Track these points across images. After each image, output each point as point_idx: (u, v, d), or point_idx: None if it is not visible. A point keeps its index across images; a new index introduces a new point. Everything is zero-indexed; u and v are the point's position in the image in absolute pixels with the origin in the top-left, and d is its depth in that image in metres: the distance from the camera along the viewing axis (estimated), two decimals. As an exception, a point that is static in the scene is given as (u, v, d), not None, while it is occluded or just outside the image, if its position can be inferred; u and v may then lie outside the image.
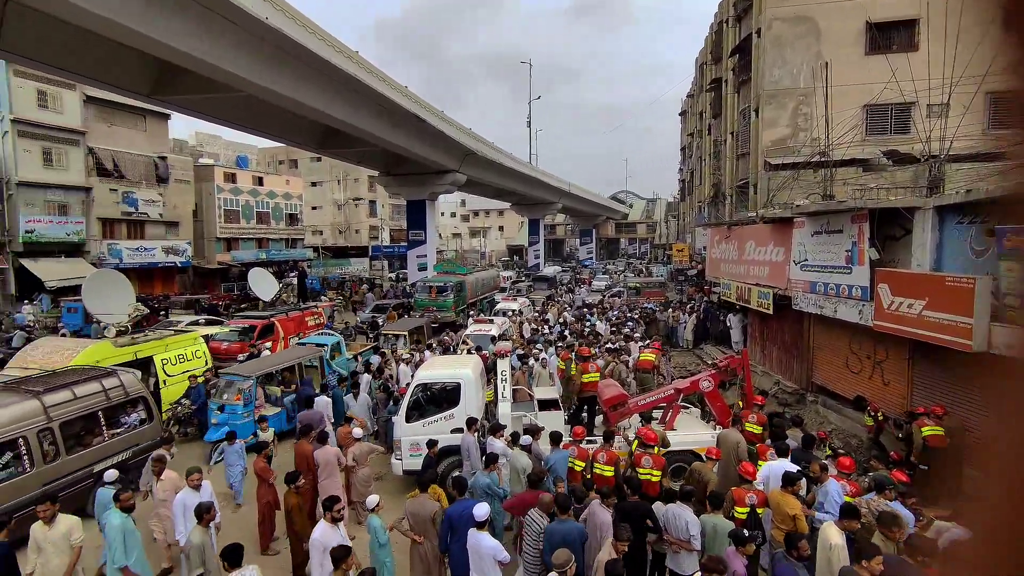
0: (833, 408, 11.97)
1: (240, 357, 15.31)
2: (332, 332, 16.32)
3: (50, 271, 26.36)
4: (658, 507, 6.11)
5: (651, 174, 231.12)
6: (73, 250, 28.38)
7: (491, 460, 7.07)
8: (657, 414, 9.94)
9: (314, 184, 55.93)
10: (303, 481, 6.92)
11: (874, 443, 9.52)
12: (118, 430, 9.05)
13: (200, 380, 12.00)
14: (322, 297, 32.53)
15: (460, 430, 8.54)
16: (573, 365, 10.96)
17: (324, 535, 5.50)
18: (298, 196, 46.75)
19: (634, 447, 7.60)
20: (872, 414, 9.41)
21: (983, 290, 7.46)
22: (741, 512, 6.05)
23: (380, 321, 22.33)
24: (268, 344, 16.09)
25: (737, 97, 21.62)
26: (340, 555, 4.90)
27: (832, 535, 5.21)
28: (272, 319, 17.12)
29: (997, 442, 0.63)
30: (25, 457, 7.50)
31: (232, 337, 16.25)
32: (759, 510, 6.19)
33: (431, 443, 7.83)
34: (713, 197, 26.94)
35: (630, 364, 13.57)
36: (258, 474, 7.45)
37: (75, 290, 22.34)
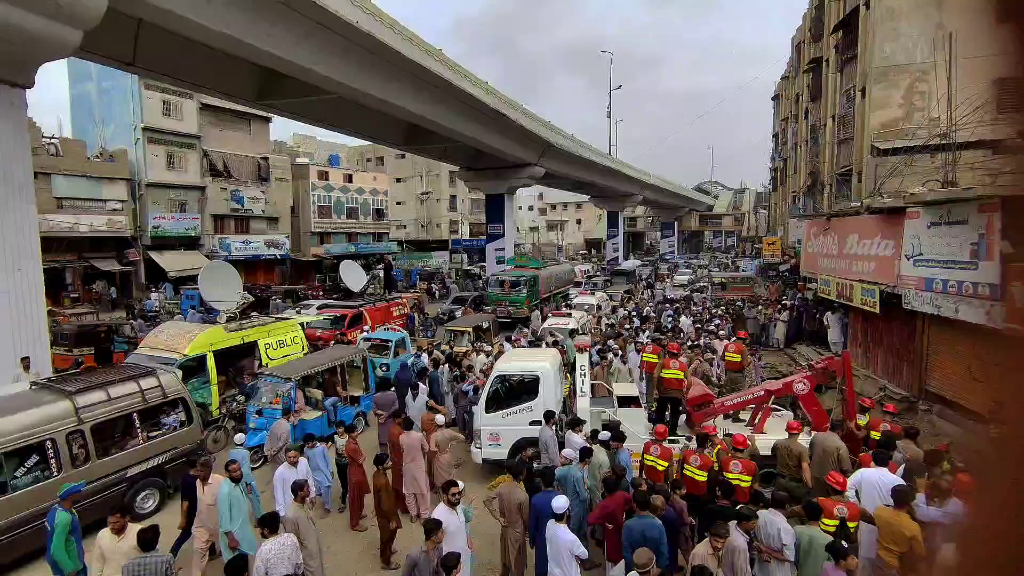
0: (951, 419, 10.76)
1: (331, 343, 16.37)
2: (397, 328, 16.33)
3: (172, 262, 29.54)
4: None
5: (739, 163, 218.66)
6: (190, 243, 31.60)
7: (586, 454, 6.96)
8: (744, 416, 9.46)
9: (398, 180, 58.25)
10: (389, 463, 7.27)
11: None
12: (155, 433, 8.70)
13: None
14: (412, 288, 33.85)
15: (538, 423, 8.59)
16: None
17: (445, 517, 5.62)
18: (384, 192, 48.92)
19: (716, 450, 7.25)
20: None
21: None
22: (829, 524, 5.59)
23: (459, 314, 22.88)
24: (358, 332, 17.04)
25: (840, 77, 19.87)
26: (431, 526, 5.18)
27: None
28: (361, 308, 18.10)
29: None
30: (52, 461, 7.18)
31: (326, 325, 17.35)
32: (850, 524, 5.71)
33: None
34: (810, 186, 25.02)
35: (715, 363, 13.00)
36: (349, 455, 7.92)
37: (192, 279, 24.88)
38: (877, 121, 16.27)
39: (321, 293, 31.19)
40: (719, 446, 7.33)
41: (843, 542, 5.04)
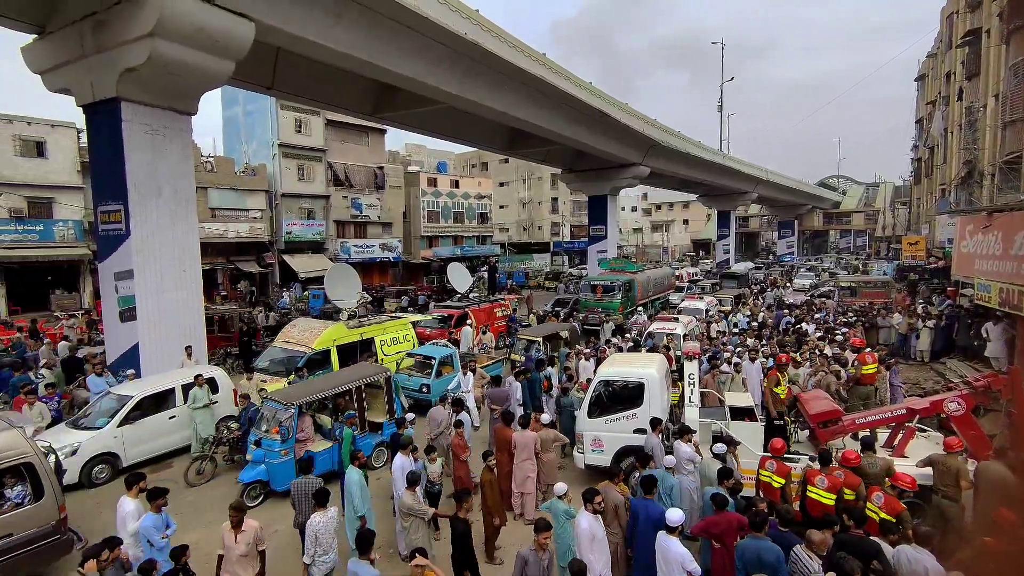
0: None
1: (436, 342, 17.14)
2: (447, 344, 14.29)
3: (301, 264, 32.79)
4: (886, 548, 5.17)
5: (872, 155, 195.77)
6: (316, 247, 34.84)
7: (725, 475, 6.50)
8: (881, 436, 8.45)
9: (501, 184, 59.69)
10: (494, 459, 7.44)
11: None
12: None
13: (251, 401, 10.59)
14: (525, 290, 34.43)
15: (643, 431, 8.33)
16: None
17: (590, 525, 5.67)
18: (488, 196, 50.40)
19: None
20: None
21: None
22: None
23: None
24: (463, 330, 17.67)
25: (1005, 50, 17.07)
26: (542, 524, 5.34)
27: None
28: (466, 309, 18.78)
29: None
30: None
31: (434, 324, 18.22)
32: None
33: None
34: (964, 177, 21.77)
35: (842, 376, 11.76)
36: (454, 451, 8.23)
37: (318, 280, 27.38)
38: (1056, 97, 13.75)
39: (430, 294, 32.88)
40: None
41: None
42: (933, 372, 15.84)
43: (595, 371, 10.65)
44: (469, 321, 18.36)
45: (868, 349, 12.38)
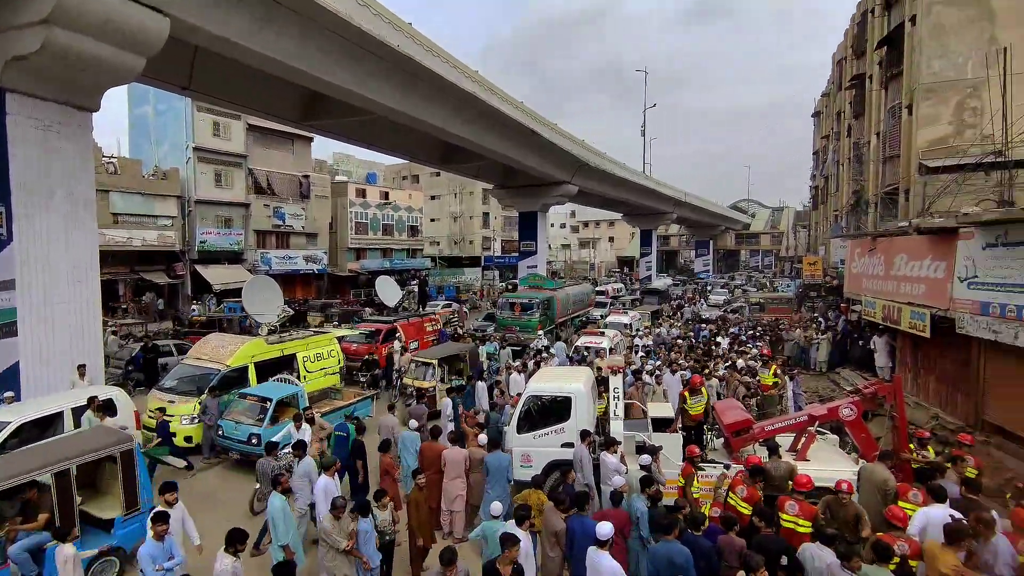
0: (1012, 452, 10.12)
1: (366, 357, 16.64)
2: (294, 380, 11.83)
3: (216, 276, 30.73)
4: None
5: (777, 182, 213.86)
6: (234, 258, 32.83)
7: (647, 483, 6.61)
8: (785, 442, 9.11)
9: (433, 197, 59.32)
10: (423, 478, 7.29)
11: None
12: None
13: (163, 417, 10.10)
14: (456, 303, 33.96)
15: (570, 445, 8.48)
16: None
17: (527, 543, 5.68)
18: (419, 209, 49.89)
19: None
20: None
21: None
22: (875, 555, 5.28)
23: (490, 331, 22.89)
24: (392, 346, 17.28)
25: (884, 93, 19.34)
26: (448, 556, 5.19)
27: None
28: (395, 323, 18.38)
29: None
30: None
31: (360, 339, 17.66)
32: (912, 563, 5.38)
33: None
34: (853, 205, 24.25)
35: (751, 387, 12.64)
36: (385, 469, 7.99)
37: (235, 292, 25.76)
38: (925, 139, 15.72)
39: (356, 307, 31.88)
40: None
41: None
42: (830, 381, 17.36)
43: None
44: (398, 336, 17.99)
45: (768, 360, 13.37)
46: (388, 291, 21.74)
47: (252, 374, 11.96)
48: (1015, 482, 7.65)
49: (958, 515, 5.68)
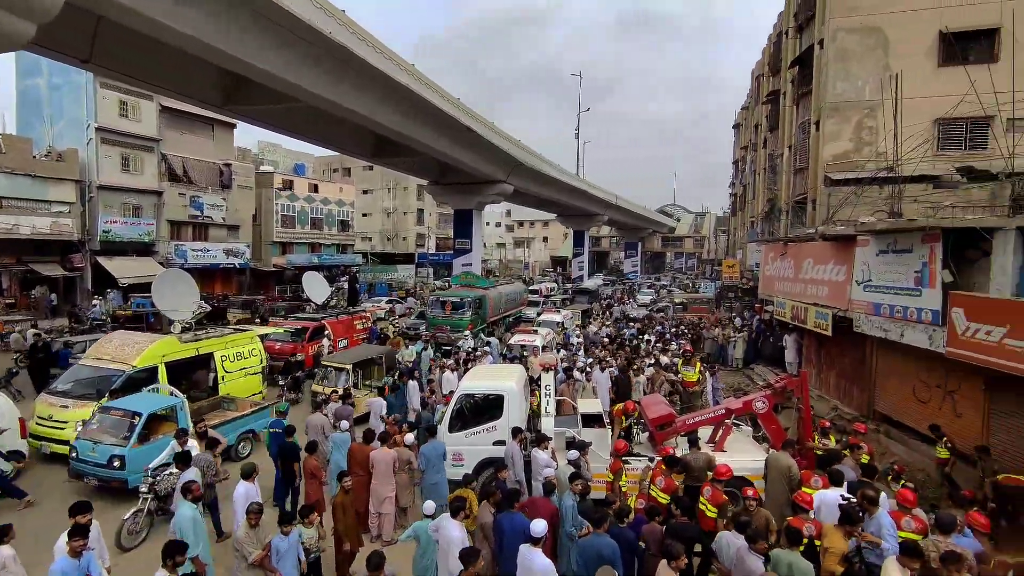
0: (897, 439, 11.26)
1: (292, 357, 15.91)
2: (177, 392, 10.42)
3: (122, 269, 28.18)
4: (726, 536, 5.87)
5: (700, 188, 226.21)
6: (144, 250, 30.28)
7: (574, 479, 6.68)
8: (704, 434, 9.62)
9: (365, 192, 57.67)
10: (350, 481, 7.05)
11: (946, 478, 8.88)
12: None
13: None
14: (399, 302, 32.86)
15: (502, 443, 8.53)
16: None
17: (462, 534, 5.61)
18: (350, 203, 48.33)
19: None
20: (948, 446, 8.79)
21: (1075, 319, 6.87)
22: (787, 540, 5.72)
23: (423, 330, 22.52)
24: (320, 345, 16.63)
25: (796, 110, 20.91)
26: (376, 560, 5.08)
27: (892, 573, 4.88)
28: (323, 321, 17.70)
29: None
30: None
31: (286, 337, 16.86)
32: (817, 542, 5.85)
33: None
34: (767, 212, 26.06)
35: (675, 383, 13.25)
36: (311, 472, 7.66)
37: (144, 287, 23.79)
38: (829, 153, 17.15)
39: (281, 304, 30.41)
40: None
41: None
42: (745, 376, 18.54)
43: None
44: (327, 333, 17.35)
45: (691, 356, 14.09)
46: (316, 287, 20.90)
47: (162, 375, 11.08)
48: (896, 465, 8.51)
49: (850, 496, 6.24)
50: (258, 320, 23.76)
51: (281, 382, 14.91)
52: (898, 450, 10.92)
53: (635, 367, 14.17)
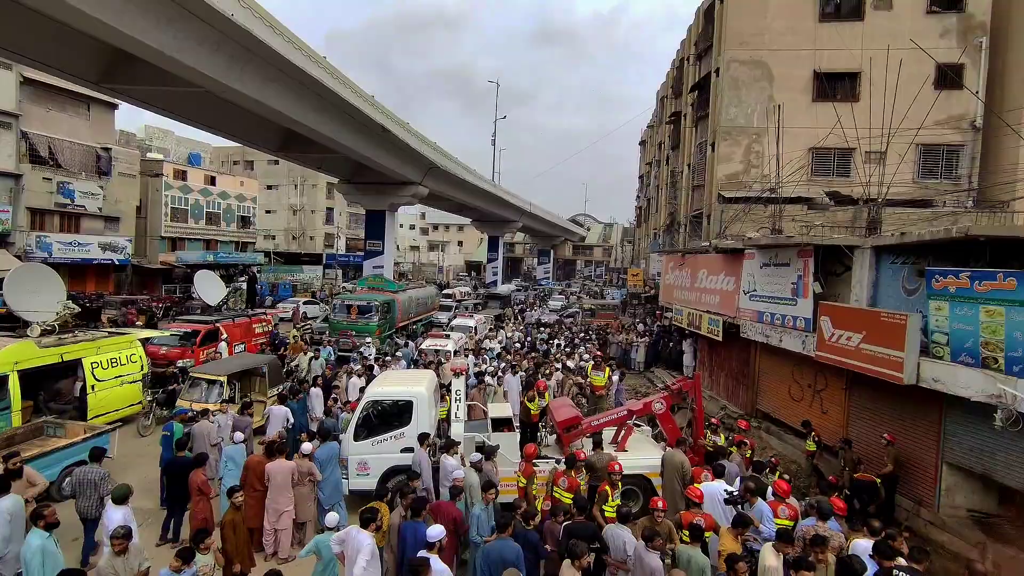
0: (775, 434, 12.42)
1: (180, 363, 14.54)
2: None
3: (-32, 262, 24.28)
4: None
5: (609, 199, 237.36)
6: (-4, 240, 26.31)
7: (488, 487, 6.62)
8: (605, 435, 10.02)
9: (270, 187, 54.36)
10: (241, 496, 6.55)
11: (813, 468, 9.92)
12: None
13: None
14: (316, 303, 30.80)
15: (410, 450, 8.34)
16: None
17: (372, 544, 5.36)
18: (252, 198, 45.30)
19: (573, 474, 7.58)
20: (815, 440, 9.82)
21: (914, 327, 7.97)
22: (685, 536, 6.09)
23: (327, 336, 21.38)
24: (215, 350, 15.38)
25: (695, 131, 22.57)
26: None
27: (768, 558, 5.35)
28: (217, 324, 16.35)
29: None
30: None
31: (172, 342, 15.39)
32: (707, 534, 6.27)
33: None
34: (668, 225, 27.85)
35: (583, 386, 13.71)
36: (198, 487, 7.01)
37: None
38: (723, 173, 18.69)
39: (169, 305, 27.75)
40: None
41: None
42: (646, 379, 19.60)
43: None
44: (224, 337, 16.05)
45: (599, 361, 14.64)
46: (209, 287, 19.30)
47: (14, 385, 9.65)
48: (773, 459, 9.39)
49: (731, 488, 6.78)
50: (156, 322, 21.47)
51: (150, 396, 12.60)
52: (776, 445, 12.05)
53: (545, 372, 14.49)
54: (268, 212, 54.10)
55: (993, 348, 7.05)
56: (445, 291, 39.78)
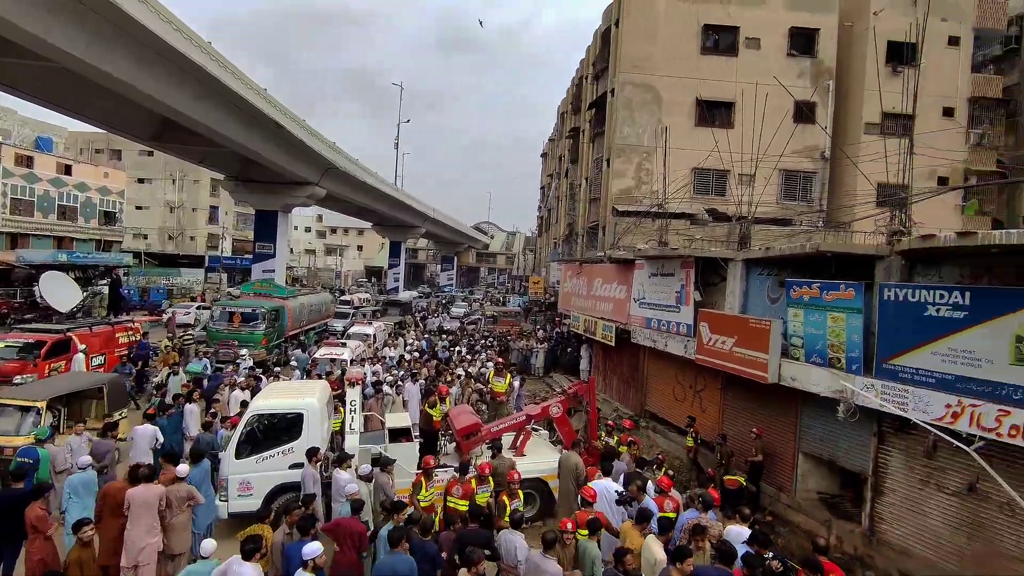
0: (661, 433, 13.30)
1: (18, 379, 12.49)
2: None
3: None
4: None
5: (512, 208, 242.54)
6: None
7: (397, 508, 6.21)
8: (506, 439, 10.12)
9: (141, 180, 48.86)
10: (92, 531, 5.71)
11: (693, 462, 10.73)
12: None
13: None
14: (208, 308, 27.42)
15: (300, 466, 7.83)
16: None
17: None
18: (118, 192, 40.47)
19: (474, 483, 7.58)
20: (695, 436, 10.63)
21: (776, 331, 8.95)
22: (583, 534, 6.30)
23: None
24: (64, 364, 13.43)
25: (592, 147, 23.74)
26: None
27: (655, 550, 5.68)
28: (68, 333, 14.29)
29: None
30: None
31: (8, 354, 13.20)
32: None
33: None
34: (567, 235, 28.96)
35: (484, 392, 13.76)
36: (33, 524, 6.00)
37: None
38: (616, 188, 19.82)
39: (6, 312, 23.87)
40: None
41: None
42: (545, 384, 20.12)
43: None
44: (82, 348, 14.02)
45: (500, 367, 14.83)
46: (59, 291, 16.88)
47: None
48: (660, 456, 10.03)
49: (621, 491, 7.14)
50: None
51: None
52: (662, 442, 12.90)
53: (447, 379, 14.34)
54: (139, 208, 48.59)
55: (837, 349, 8.09)
56: (343, 297, 38.10)
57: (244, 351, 16.68)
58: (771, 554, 5.61)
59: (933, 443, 6.86)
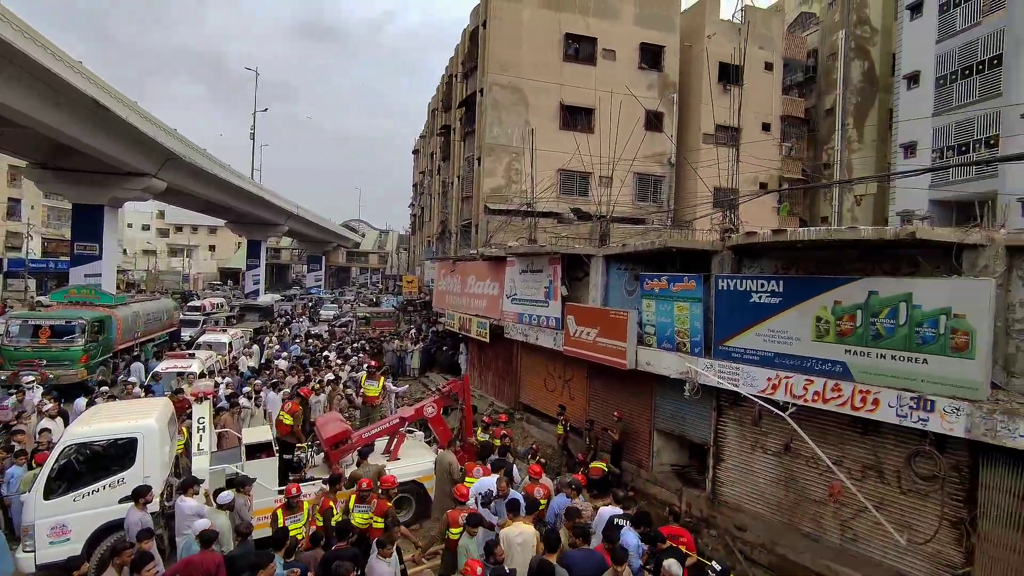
0: (535, 423, 13.79)
1: None
2: None
3: None
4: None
5: (385, 206, 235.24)
6: None
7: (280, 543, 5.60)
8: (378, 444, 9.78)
9: (-94, 165, 39.16)
10: None
11: (563, 448, 11.26)
12: None
13: None
14: None
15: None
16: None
17: None
18: None
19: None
20: (564, 423, 11.16)
21: (632, 321, 9.71)
22: (455, 533, 6.27)
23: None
24: None
25: (463, 145, 23.83)
26: None
27: (528, 535, 5.89)
28: None
29: None
30: None
31: None
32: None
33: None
34: (441, 233, 28.80)
35: (355, 398, 13.15)
36: None
37: None
38: (488, 186, 20.11)
39: None
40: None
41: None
42: (421, 384, 19.81)
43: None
44: None
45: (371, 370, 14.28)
46: None
47: None
48: (534, 445, 10.40)
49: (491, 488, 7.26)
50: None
51: None
52: (536, 433, 13.36)
53: (315, 386, 13.47)
54: (-97, 200, 38.89)
55: (683, 335, 9.00)
56: (191, 303, 34.04)
57: (30, 379, 13.27)
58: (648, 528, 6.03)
59: (759, 412, 7.91)
